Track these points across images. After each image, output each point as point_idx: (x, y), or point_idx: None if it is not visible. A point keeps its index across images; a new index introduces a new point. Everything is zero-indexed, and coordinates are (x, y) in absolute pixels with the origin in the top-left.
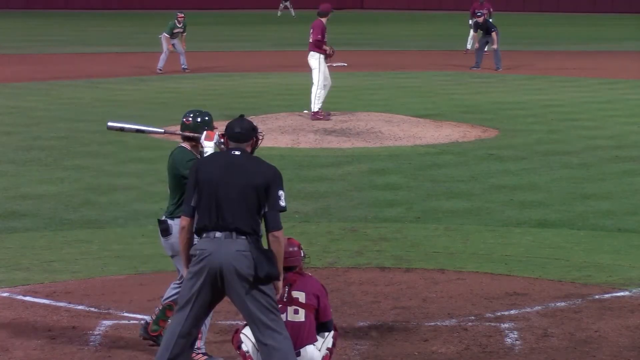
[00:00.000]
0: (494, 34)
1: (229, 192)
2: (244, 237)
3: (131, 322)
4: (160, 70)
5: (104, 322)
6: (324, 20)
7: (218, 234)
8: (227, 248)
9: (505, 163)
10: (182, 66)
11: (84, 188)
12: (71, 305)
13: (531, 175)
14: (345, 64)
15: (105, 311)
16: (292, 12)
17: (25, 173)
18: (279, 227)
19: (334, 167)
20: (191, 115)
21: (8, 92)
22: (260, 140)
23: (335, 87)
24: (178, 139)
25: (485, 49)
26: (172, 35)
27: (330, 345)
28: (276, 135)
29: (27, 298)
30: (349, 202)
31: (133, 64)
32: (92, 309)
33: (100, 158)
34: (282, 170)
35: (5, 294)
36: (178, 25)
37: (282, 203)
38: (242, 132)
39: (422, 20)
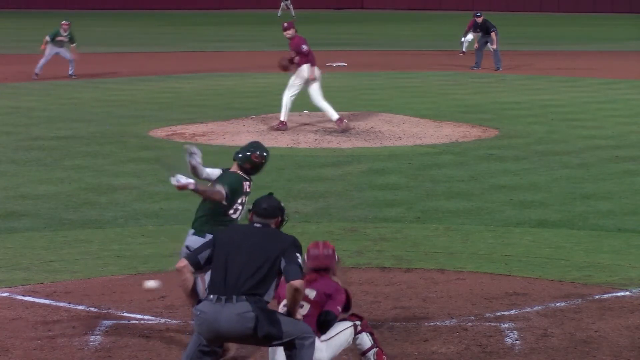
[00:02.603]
0: (493, 34)
1: (239, 255)
2: (245, 298)
3: (131, 322)
4: (36, 75)
5: (104, 322)
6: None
7: (219, 297)
8: (227, 313)
9: (505, 163)
10: (70, 71)
11: (84, 188)
12: (71, 305)
13: (531, 175)
14: (345, 64)
15: (105, 311)
16: (292, 12)
17: (25, 173)
18: (299, 277)
19: (334, 167)
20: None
21: (8, 92)
22: (285, 221)
23: (334, 87)
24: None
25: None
26: (55, 41)
27: (365, 346)
28: (276, 135)
29: (27, 298)
30: (349, 202)
31: (133, 64)
32: (92, 309)
33: (100, 158)
34: (281, 170)
35: (5, 294)
36: (63, 33)
37: (300, 261)
38: (268, 209)
39: (422, 20)
